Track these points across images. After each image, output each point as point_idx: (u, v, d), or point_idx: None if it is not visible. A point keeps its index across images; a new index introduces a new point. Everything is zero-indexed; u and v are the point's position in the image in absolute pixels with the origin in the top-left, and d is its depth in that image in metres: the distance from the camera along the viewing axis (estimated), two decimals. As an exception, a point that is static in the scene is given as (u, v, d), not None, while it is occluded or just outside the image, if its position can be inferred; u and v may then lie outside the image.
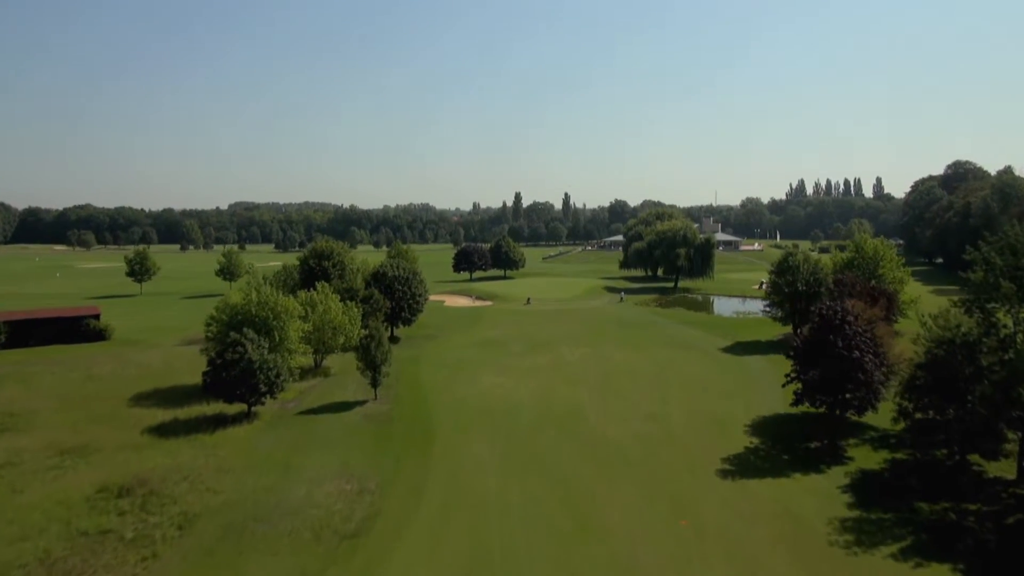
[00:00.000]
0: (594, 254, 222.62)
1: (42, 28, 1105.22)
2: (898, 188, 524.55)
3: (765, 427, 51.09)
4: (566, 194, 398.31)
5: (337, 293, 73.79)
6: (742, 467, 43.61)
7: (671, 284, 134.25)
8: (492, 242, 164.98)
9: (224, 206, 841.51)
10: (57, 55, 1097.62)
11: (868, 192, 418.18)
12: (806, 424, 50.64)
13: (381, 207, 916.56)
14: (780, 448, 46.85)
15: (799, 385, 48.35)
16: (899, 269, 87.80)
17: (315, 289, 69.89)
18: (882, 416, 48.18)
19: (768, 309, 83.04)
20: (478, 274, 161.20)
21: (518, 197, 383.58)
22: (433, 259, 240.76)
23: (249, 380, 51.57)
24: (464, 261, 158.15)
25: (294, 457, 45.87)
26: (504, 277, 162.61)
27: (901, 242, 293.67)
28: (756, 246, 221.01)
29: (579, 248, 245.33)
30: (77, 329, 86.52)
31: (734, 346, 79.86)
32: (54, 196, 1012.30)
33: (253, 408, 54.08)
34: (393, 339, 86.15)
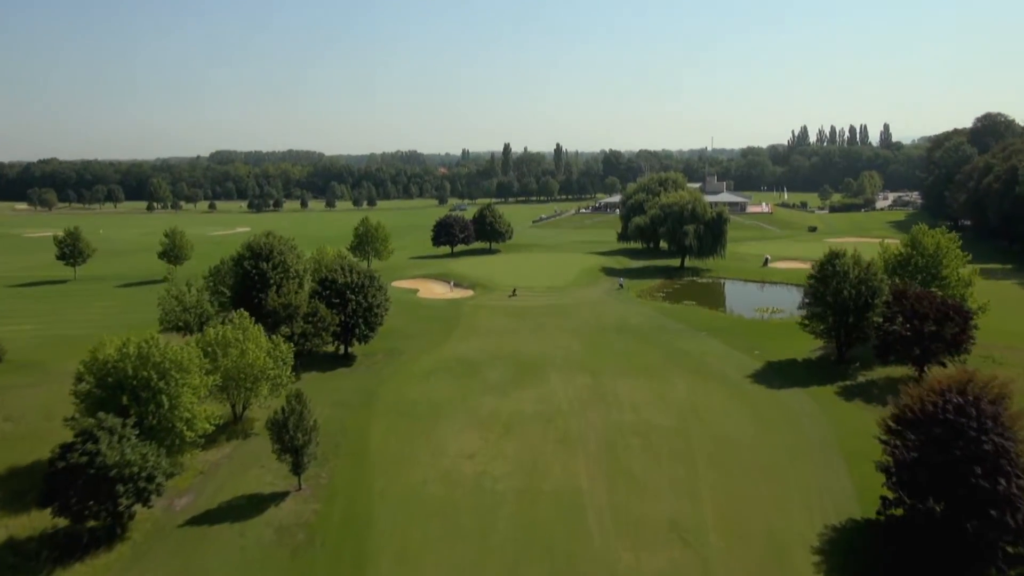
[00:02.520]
0: (588, 217, 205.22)
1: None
2: (905, 135, 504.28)
3: (843, 555, 35.84)
4: (558, 144, 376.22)
5: (262, 321, 57.72)
6: (827, 661, 28.60)
7: (677, 263, 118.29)
8: (475, 211, 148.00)
9: (205, 154, 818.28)
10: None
11: (874, 137, 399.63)
12: (901, 549, 35.45)
13: (367, 154, 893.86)
14: (874, 608, 31.83)
15: (899, 509, 33.11)
16: (964, 266, 72.23)
17: (231, 321, 53.55)
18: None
19: (807, 322, 67.34)
20: (460, 247, 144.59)
21: (507, 149, 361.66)
22: (414, 222, 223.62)
23: (104, 491, 35.95)
24: (444, 234, 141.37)
25: (151, 636, 30.61)
26: (489, 251, 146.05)
27: (913, 195, 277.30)
28: (764, 207, 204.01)
29: (572, 210, 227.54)
30: (-43, 351, 70.45)
31: (765, 370, 64.51)
32: (21, 148, 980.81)
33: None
34: (347, 357, 70.60)
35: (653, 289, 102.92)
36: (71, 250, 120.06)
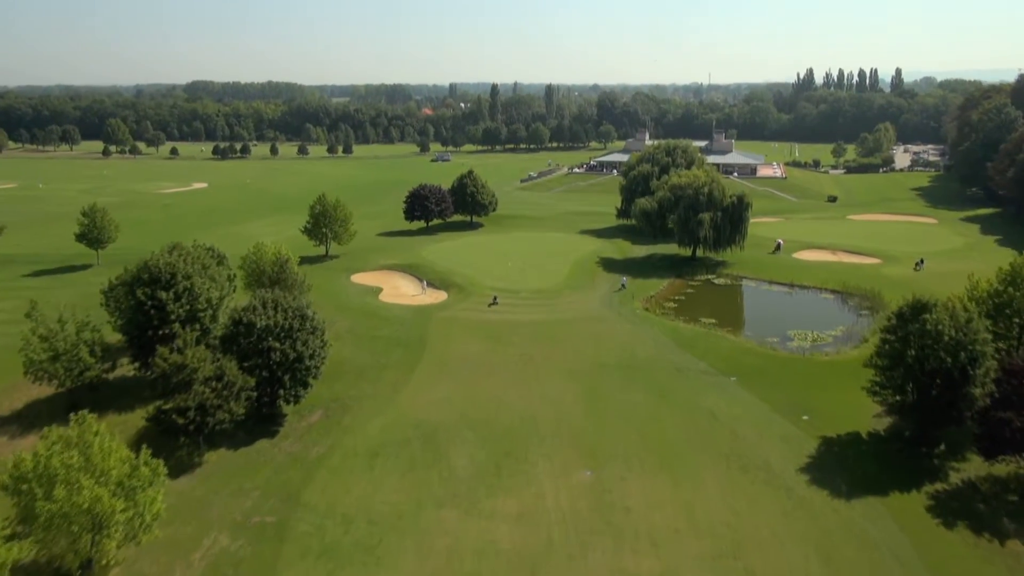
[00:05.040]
0: (582, 178, 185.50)
1: None
2: (911, 73, 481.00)
3: None
4: (548, 86, 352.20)
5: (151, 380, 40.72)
6: None
7: (687, 252, 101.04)
8: (455, 181, 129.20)
9: (182, 83, 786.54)
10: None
11: (884, 82, 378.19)
12: None
13: (350, 85, 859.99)
14: None
15: None
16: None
17: (71, 426, 36.24)
18: None
19: (877, 388, 50.89)
20: (436, 222, 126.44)
21: (495, 90, 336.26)
22: (392, 176, 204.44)
23: None
24: (419, 208, 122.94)
25: None
26: (470, 225, 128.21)
27: (927, 148, 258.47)
28: (776, 169, 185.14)
29: (564, 167, 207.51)
30: None
31: (823, 456, 48.58)
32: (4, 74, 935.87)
33: None
34: (272, 419, 53.93)
35: (662, 295, 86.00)
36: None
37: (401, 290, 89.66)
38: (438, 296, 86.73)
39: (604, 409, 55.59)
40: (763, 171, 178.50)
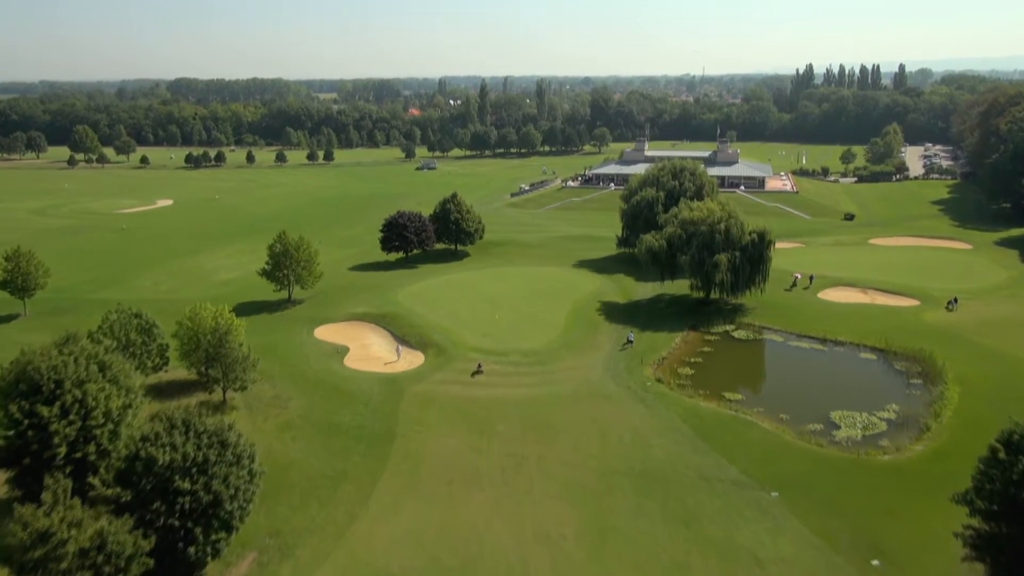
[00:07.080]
0: (576, 193, 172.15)
1: None
2: (910, 63, 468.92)
3: None
4: (539, 84, 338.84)
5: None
6: None
7: (701, 295, 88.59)
8: (437, 207, 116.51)
9: (170, 77, 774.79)
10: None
11: (883, 74, 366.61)
12: None
13: (338, 79, 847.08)
14: None
15: None
16: None
17: None
18: None
19: (978, 543, 38.61)
20: (416, 252, 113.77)
21: (484, 90, 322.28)
22: (373, 189, 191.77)
23: None
24: (397, 238, 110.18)
25: None
26: (454, 254, 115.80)
27: (933, 148, 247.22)
28: (785, 181, 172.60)
29: (558, 180, 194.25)
30: None
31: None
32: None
33: None
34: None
35: (675, 355, 73.45)
36: None
37: (371, 350, 77.02)
38: (414, 359, 74.12)
39: (615, 553, 43.23)
40: (771, 183, 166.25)
